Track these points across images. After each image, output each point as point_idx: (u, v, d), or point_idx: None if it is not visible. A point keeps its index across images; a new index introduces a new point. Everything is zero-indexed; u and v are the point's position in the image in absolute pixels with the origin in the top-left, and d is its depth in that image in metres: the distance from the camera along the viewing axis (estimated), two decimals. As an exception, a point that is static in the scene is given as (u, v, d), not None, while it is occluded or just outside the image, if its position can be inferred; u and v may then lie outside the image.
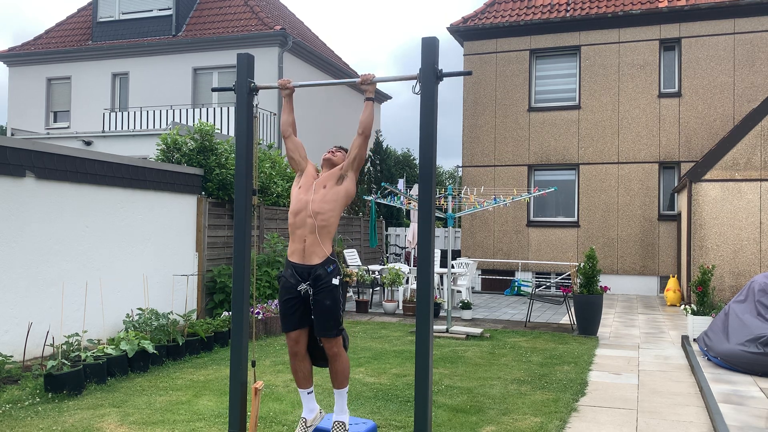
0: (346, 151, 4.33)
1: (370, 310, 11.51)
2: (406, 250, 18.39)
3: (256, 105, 4.16)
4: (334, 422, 4.11)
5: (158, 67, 19.70)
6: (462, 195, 11.05)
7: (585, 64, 15.94)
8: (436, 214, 6.10)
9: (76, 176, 7.42)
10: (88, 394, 5.67)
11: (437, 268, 12.14)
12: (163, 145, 9.88)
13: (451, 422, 4.99)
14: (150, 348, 6.57)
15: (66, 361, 5.73)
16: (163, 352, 6.91)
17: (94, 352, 6.20)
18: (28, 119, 20.93)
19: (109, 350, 6.32)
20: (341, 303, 4.04)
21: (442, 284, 12.55)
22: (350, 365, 6.96)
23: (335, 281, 3.97)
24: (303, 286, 3.96)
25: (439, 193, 10.31)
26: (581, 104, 15.95)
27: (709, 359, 7.43)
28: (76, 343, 6.30)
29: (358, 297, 11.85)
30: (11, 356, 6.21)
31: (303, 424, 4.16)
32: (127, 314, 7.65)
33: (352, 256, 14.16)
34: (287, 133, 4.28)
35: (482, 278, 16.60)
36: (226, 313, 8.76)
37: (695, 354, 7.70)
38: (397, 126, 73.24)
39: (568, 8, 16.16)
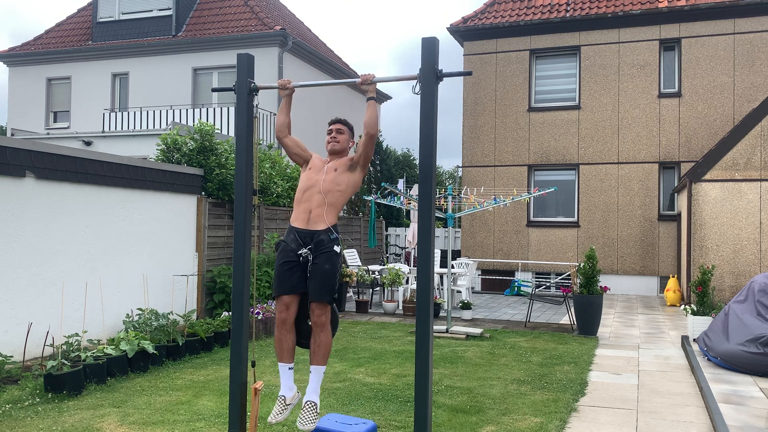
0: (345, 124, 4.29)
1: (370, 311, 11.50)
2: (406, 250, 18.40)
3: (256, 105, 4.17)
4: (306, 401, 3.92)
5: (158, 67, 19.70)
6: (462, 195, 11.05)
7: (585, 64, 15.94)
8: (436, 214, 6.10)
9: (76, 176, 7.42)
10: (88, 395, 5.68)
11: (437, 268, 12.14)
12: (163, 145, 9.89)
13: (451, 422, 4.99)
14: (150, 348, 6.58)
15: (66, 362, 5.73)
16: (162, 353, 6.92)
17: (94, 353, 6.20)
18: (28, 119, 20.94)
19: (109, 350, 6.32)
20: (338, 273, 4.02)
21: (442, 284, 12.55)
22: (350, 365, 6.97)
23: (336, 249, 3.97)
24: (304, 251, 3.94)
25: (439, 193, 10.31)
26: (581, 104, 15.95)
27: (709, 359, 7.43)
28: (76, 343, 6.30)
29: (358, 297, 11.84)
30: (11, 356, 6.21)
31: (282, 402, 3.99)
32: (127, 314, 7.65)
33: (352, 257, 14.16)
34: (284, 133, 4.26)
35: (482, 278, 16.60)
36: (226, 313, 8.77)
37: (695, 354, 7.70)
38: (397, 126, 73.24)
39: (568, 8, 16.16)
